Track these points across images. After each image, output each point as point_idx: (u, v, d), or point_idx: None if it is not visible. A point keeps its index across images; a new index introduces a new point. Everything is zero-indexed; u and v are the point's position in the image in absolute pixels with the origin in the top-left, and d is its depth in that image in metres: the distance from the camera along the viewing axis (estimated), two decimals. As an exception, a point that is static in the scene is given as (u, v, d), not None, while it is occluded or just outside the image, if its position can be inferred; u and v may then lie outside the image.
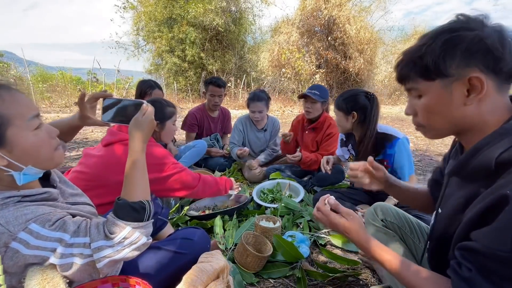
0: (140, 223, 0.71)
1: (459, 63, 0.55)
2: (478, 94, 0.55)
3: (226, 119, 2.94)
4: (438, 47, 0.56)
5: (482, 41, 0.53)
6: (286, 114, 8.36)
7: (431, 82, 0.60)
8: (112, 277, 0.72)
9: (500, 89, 0.56)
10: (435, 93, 0.60)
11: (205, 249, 1.11)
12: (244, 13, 12.65)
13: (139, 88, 2.19)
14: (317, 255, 1.40)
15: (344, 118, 1.60)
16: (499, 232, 0.50)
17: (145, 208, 0.73)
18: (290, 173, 2.36)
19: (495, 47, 0.53)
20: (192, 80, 12.08)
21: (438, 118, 0.63)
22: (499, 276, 0.50)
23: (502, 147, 0.53)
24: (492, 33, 0.54)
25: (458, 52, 0.55)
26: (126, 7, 12.30)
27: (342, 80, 11.31)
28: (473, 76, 0.54)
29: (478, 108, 0.57)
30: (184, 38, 11.31)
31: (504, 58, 0.53)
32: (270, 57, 11.24)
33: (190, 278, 0.98)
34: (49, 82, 10.14)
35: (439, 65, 0.57)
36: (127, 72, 13.35)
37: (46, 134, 0.70)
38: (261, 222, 1.45)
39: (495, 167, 0.54)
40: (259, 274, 1.23)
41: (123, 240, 0.68)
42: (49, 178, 0.81)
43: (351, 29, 10.35)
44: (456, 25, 0.57)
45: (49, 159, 0.71)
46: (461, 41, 0.55)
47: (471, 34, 0.54)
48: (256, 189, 2.01)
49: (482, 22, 0.56)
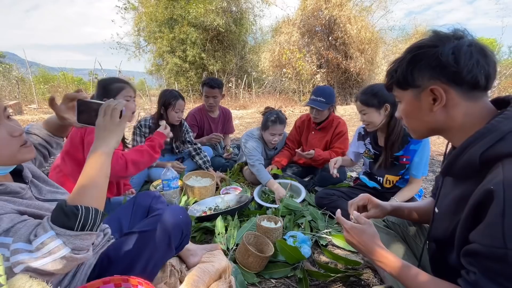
0: (68, 231, 0.60)
1: (423, 76, 0.65)
2: (440, 103, 0.64)
3: (227, 119, 2.94)
4: (406, 63, 0.67)
5: (438, 58, 0.62)
6: (287, 114, 8.33)
7: (405, 91, 0.71)
8: (114, 278, 0.72)
9: (469, 96, 0.63)
10: (408, 101, 0.71)
11: (176, 219, 0.96)
12: (245, 13, 12.66)
13: (162, 98, 2.14)
14: (318, 255, 1.40)
15: (376, 112, 1.51)
16: (490, 228, 0.53)
17: (77, 215, 0.60)
18: (291, 173, 2.35)
19: (449, 63, 0.61)
20: (193, 80, 12.10)
21: (414, 121, 0.73)
22: (503, 276, 0.52)
23: (485, 145, 0.58)
24: (449, 50, 0.61)
25: (421, 67, 0.65)
26: (127, 8, 12.34)
27: (343, 80, 11.29)
28: (433, 87, 0.64)
29: (446, 113, 0.65)
30: (185, 39, 11.33)
31: (461, 71, 0.60)
32: (271, 57, 11.23)
33: (192, 278, 0.98)
34: (51, 83, 10.18)
35: (407, 78, 0.68)
36: (129, 72, 13.41)
37: (5, 133, 0.70)
38: (262, 222, 1.45)
39: (480, 164, 0.59)
40: (260, 274, 1.23)
41: (41, 246, 0.58)
42: (21, 174, 0.81)
43: (352, 29, 10.33)
44: (423, 42, 0.66)
45: (10, 156, 0.71)
46: (423, 58, 0.65)
47: (432, 51, 0.63)
48: (257, 189, 2.01)
49: (449, 38, 0.63)
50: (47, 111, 7.16)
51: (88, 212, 0.62)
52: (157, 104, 2.22)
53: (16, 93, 8.56)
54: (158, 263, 0.93)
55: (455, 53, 0.61)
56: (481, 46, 0.62)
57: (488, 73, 0.61)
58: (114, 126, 0.74)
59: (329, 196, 1.79)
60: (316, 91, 2.17)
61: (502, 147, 0.57)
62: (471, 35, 0.64)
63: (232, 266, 1.19)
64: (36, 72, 11.31)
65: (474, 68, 0.60)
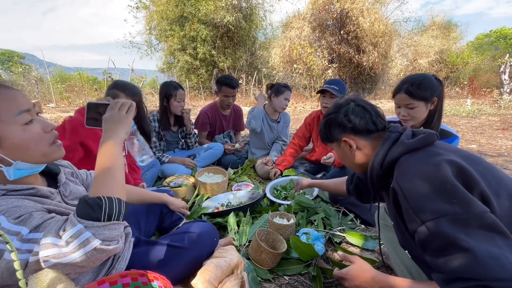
0: (96, 223, 0.59)
1: (336, 133, 0.91)
2: (354, 147, 0.88)
3: (238, 116, 2.93)
4: (323, 127, 0.96)
5: (338, 120, 0.89)
6: (298, 110, 8.27)
7: (332, 144, 0.96)
8: (131, 272, 0.74)
9: (370, 137, 0.87)
10: (336, 150, 0.96)
11: (211, 243, 1.07)
12: (255, 9, 12.58)
13: (163, 90, 2.25)
14: (332, 253, 1.38)
15: (425, 107, 1.34)
16: (407, 215, 0.69)
17: (102, 205, 0.60)
18: (303, 170, 2.33)
19: (345, 122, 0.87)
20: (204, 77, 12.19)
21: (346, 163, 0.97)
22: (434, 249, 0.64)
23: (381, 158, 0.79)
24: (342, 114, 0.88)
25: (332, 127, 0.92)
26: (139, 7, 12.53)
27: (355, 75, 11.06)
28: (344, 139, 0.89)
29: (361, 153, 0.89)
30: (195, 36, 11.40)
31: (354, 125, 0.86)
32: (281, 53, 11.14)
33: (205, 273, 0.99)
34: (67, 83, 10.52)
35: (328, 136, 0.95)
36: (141, 71, 13.65)
37: (40, 129, 0.69)
38: (275, 219, 1.45)
39: (384, 173, 0.79)
40: (273, 271, 1.23)
41: (71, 239, 0.57)
42: (56, 177, 0.80)
43: (364, 22, 10.06)
44: (329, 111, 0.94)
45: (43, 154, 0.69)
46: (331, 122, 0.92)
47: (334, 117, 0.91)
48: (269, 186, 2.00)
49: (342, 106, 0.90)
50: (65, 110, 7.41)
51: (112, 202, 0.62)
52: (159, 98, 2.30)
53: (35, 92, 8.91)
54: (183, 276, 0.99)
55: (346, 115, 0.88)
56: (363, 104, 0.88)
57: (372, 120, 0.86)
58: (122, 118, 0.74)
59: (343, 192, 1.77)
60: (329, 81, 2.17)
61: (391, 153, 0.77)
62: (357, 98, 0.91)
63: (245, 262, 1.19)
64: (54, 72, 11.72)
65: (361, 121, 0.86)
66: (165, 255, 0.94)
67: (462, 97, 10.91)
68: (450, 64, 14.70)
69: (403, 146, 0.76)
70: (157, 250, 0.95)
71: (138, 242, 0.99)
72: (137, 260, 0.90)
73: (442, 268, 0.62)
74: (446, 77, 14.26)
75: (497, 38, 24.60)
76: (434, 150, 0.73)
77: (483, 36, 26.15)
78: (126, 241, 0.90)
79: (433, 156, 0.71)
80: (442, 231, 0.61)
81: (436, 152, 0.72)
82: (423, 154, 0.74)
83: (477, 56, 16.07)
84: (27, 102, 0.68)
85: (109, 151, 0.69)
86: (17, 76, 10.20)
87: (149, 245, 0.97)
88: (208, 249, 1.06)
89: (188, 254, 0.99)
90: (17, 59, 24.03)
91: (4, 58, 25.62)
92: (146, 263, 0.91)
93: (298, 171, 2.29)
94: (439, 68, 14.07)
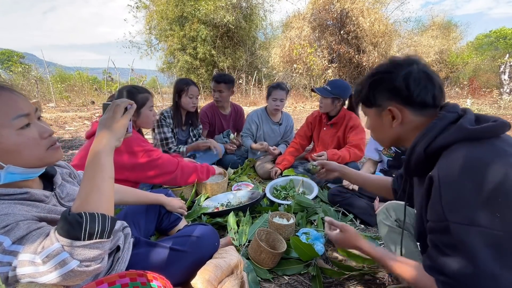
0: (75, 242, 0.54)
1: (382, 98, 0.76)
2: (397, 121, 0.75)
3: (238, 116, 2.92)
4: (367, 86, 0.79)
5: (392, 83, 0.73)
6: (298, 110, 8.27)
7: (369, 109, 0.82)
8: (130, 272, 0.73)
9: (421, 113, 0.73)
10: (372, 117, 0.82)
11: (212, 248, 1.08)
12: (255, 8, 12.56)
13: (176, 86, 2.24)
14: (332, 253, 1.38)
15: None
16: (433, 206, 0.62)
17: (82, 223, 0.55)
18: (303, 169, 2.33)
19: (401, 88, 0.72)
20: (204, 77, 12.17)
21: (377, 134, 0.85)
22: (448, 246, 0.59)
23: (427, 141, 0.67)
24: (400, 77, 0.72)
25: (379, 90, 0.76)
26: (139, 7, 12.51)
27: (355, 75, 11.05)
28: (390, 108, 0.75)
29: (402, 128, 0.76)
30: (195, 36, 11.38)
31: (411, 95, 0.71)
32: (281, 53, 11.13)
33: (205, 273, 0.99)
34: (67, 82, 10.51)
35: (369, 98, 0.79)
36: (141, 70, 13.64)
37: (36, 133, 0.67)
38: (274, 219, 1.44)
39: (426, 158, 0.68)
40: (273, 271, 1.23)
41: (47, 259, 0.53)
42: (52, 179, 0.80)
43: (364, 21, 10.06)
44: (382, 68, 0.77)
45: (38, 158, 0.68)
46: (380, 83, 0.76)
47: (388, 77, 0.74)
48: (269, 186, 2.00)
49: (402, 66, 0.73)
50: (64, 109, 7.40)
51: (94, 219, 0.57)
52: (172, 94, 2.29)
53: (35, 92, 8.89)
54: (183, 279, 0.99)
55: (406, 79, 0.71)
56: (428, 71, 0.72)
57: (434, 94, 0.71)
58: (114, 123, 0.69)
59: (342, 193, 1.76)
60: (328, 81, 2.20)
61: (443, 138, 0.65)
62: (420, 61, 0.74)
63: (245, 262, 1.19)
64: (54, 72, 11.70)
65: (422, 92, 0.71)
66: (167, 258, 0.94)
67: (462, 97, 10.90)
68: (450, 64, 14.68)
69: (462, 132, 0.62)
70: (158, 252, 0.95)
71: (138, 242, 0.98)
72: (138, 262, 0.90)
73: (437, 260, 0.61)
74: (446, 77, 14.24)
75: (497, 38, 24.59)
76: (502, 147, 0.59)
77: (483, 36, 26.13)
78: (125, 241, 0.90)
79: (501, 155, 0.57)
80: (466, 240, 0.55)
81: (504, 150, 0.58)
82: (487, 148, 0.59)
83: (477, 56, 16.04)
84: (28, 106, 0.67)
85: (96, 161, 0.64)
86: (17, 75, 10.18)
87: (150, 246, 0.97)
88: (209, 254, 1.06)
89: (189, 258, 0.98)
90: (17, 59, 23.98)
91: (4, 58, 25.59)
92: (146, 265, 0.91)
93: (298, 171, 2.29)
94: (439, 68, 14.05)
